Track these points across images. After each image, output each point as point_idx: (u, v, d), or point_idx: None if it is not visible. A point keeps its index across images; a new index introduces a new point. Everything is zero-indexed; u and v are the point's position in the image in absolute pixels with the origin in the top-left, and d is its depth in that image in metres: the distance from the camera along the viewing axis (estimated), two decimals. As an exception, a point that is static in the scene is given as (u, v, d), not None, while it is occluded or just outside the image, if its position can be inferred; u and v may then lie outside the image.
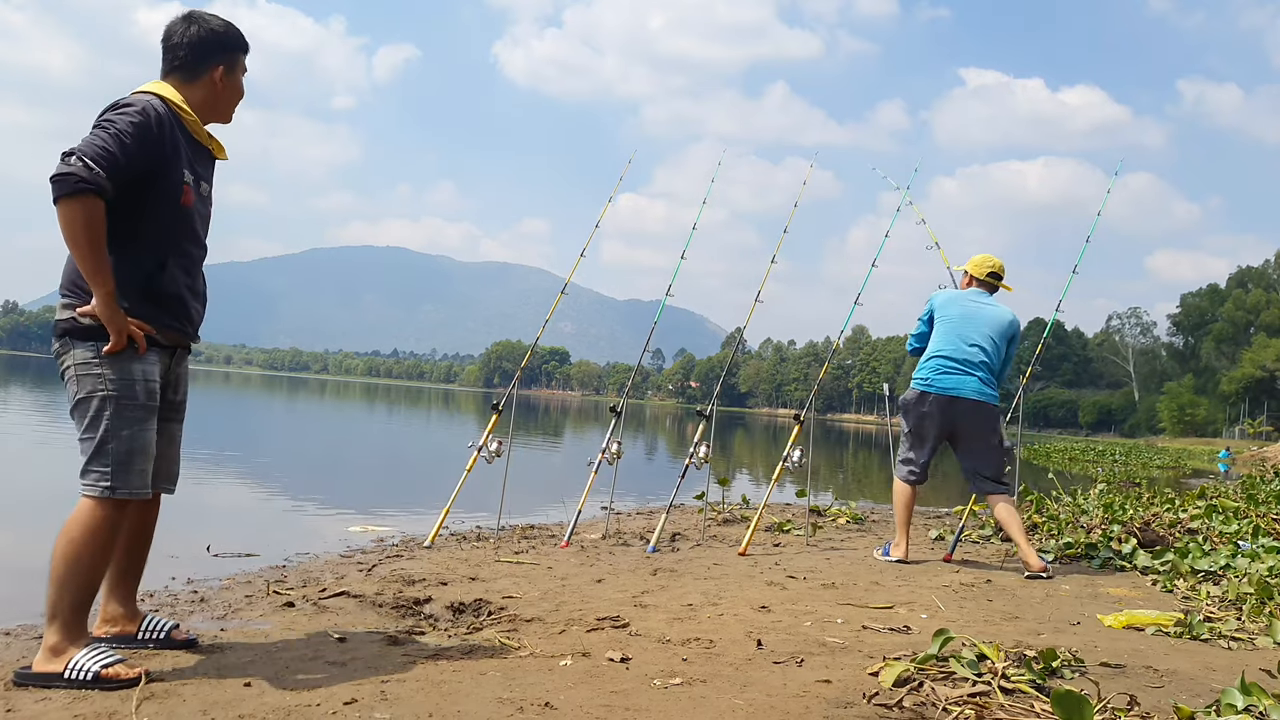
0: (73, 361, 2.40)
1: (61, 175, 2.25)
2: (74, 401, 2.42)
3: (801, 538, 5.92)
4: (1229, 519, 6.18)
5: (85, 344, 2.39)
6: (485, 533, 5.59)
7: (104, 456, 2.38)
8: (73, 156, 2.27)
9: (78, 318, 2.39)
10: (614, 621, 3.22)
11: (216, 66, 2.62)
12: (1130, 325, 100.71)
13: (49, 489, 7.13)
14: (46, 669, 2.30)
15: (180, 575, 3.98)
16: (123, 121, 2.36)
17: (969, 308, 5.18)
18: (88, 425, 2.39)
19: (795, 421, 5.78)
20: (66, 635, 2.32)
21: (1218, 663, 2.92)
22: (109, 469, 2.38)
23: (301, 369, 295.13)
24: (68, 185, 2.25)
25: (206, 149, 2.68)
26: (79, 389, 2.40)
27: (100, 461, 2.37)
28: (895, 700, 2.34)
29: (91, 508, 2.37)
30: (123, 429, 2.39)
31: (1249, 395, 66.72)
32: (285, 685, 2.36)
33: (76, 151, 2.28)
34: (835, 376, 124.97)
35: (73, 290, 2.42)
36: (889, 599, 3.86)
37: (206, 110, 2.64)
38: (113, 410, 2.39)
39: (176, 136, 2.49)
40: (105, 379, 2.39)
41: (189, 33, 2.59)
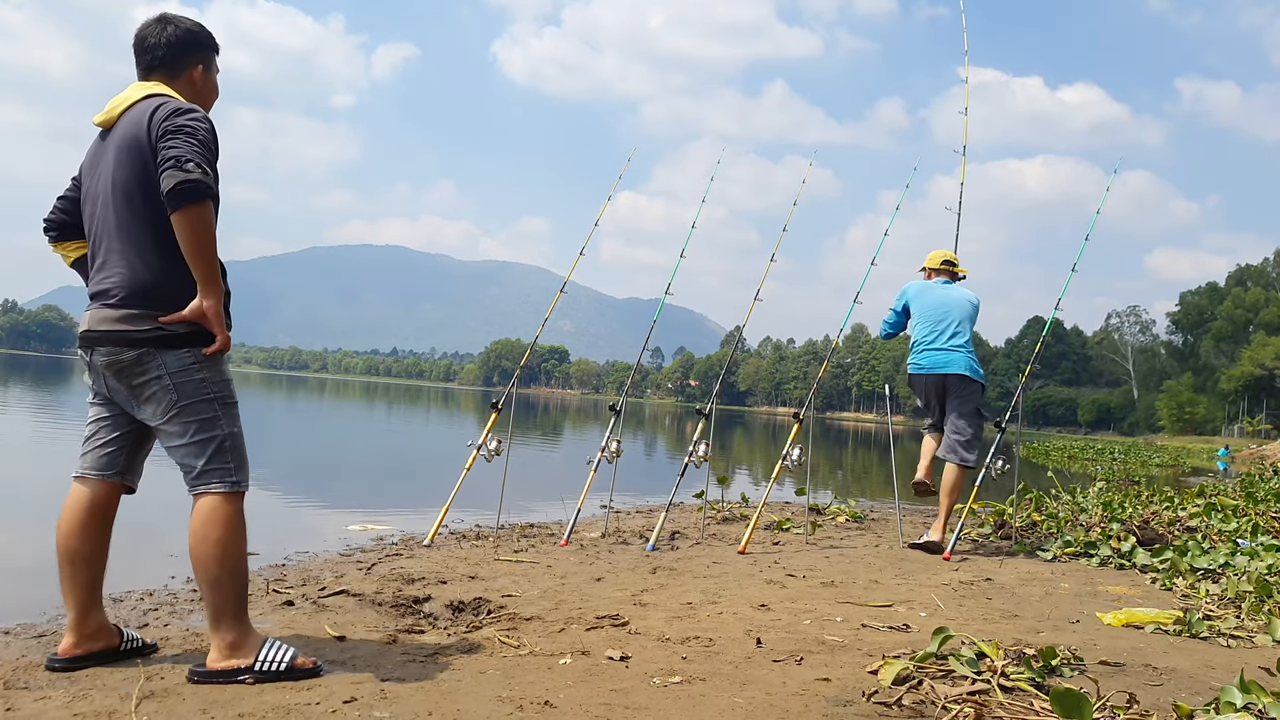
0: (165, 370, 2.39)
1: (190, 182, 2.27)
2: (174, 409, 2.41)
3: (801, 536, 5.92)
4: (1228, 517, 6.19)
5: (178, 351, 2.40)
6: (485, 531, 5.59)
7: (225, 455, 2.44)
8: (190, 163, 2.28)
9: (163, 325, 2.38)
10: (613, 620, 3.22)
11: (196, 65, 2.63)
12: (1129, 324, 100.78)
13: (49, 489, 7.13)
14: (229, 664, 2.35)
15: (180, 574, 3.98)
16: (203, 128, 2.38)
17: (938, 294, 5.83)
18: (200, 428, 2.42)
19: (795, 420, 5.78)
20: (240, 630, 2.38)
21: (1217, 661, 2.92)
22: (231, 465, 2.44)
23: (301, 368, 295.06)
24: (196, 192, 2.27)
25: None
26: (180, 396, 2.40)
27: (222, 460, 2.43)
28: (895, 698, 2.34)
29: (223, 504, 2.41)
30: (233, 426, 2.47)
31: (1248, 394, 66.74)
32: (285, 684, 2.36)
33: (191, 158, 2.29)
34: (834, 375, 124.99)
35: (148, 299, 2.40)
36: (888, 597, 3.86)
37: None
38: (221, 410, 2.45)
39: None
40: (209, 382, 2.43)
41: (166, 33, 2.58)
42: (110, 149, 2.48)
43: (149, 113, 2.42)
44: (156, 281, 2.41)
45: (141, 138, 2.40)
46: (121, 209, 2.43)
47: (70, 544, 2.48)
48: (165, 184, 2.28)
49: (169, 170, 2.28)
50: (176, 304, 2.39)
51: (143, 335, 2.39)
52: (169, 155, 2.30)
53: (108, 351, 2.43)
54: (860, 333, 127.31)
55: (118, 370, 2.44)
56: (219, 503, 2.41)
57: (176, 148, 2.31)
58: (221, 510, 2.41)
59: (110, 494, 2.56)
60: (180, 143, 2.32)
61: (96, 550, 2.51)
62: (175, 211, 2.29)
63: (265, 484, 8.36)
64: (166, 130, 2.36)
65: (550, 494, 7.84)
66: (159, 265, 2.41)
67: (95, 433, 2.56)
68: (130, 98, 2.50)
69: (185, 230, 2.30)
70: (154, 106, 2.43)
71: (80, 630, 2.47)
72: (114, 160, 2.45)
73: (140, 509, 6.32)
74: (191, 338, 2.41)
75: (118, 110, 2.50)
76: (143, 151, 2.40)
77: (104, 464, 2.55)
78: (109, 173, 2.46)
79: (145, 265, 2.42)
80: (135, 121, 2.43)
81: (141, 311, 2.41)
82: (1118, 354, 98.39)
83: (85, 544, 2.49)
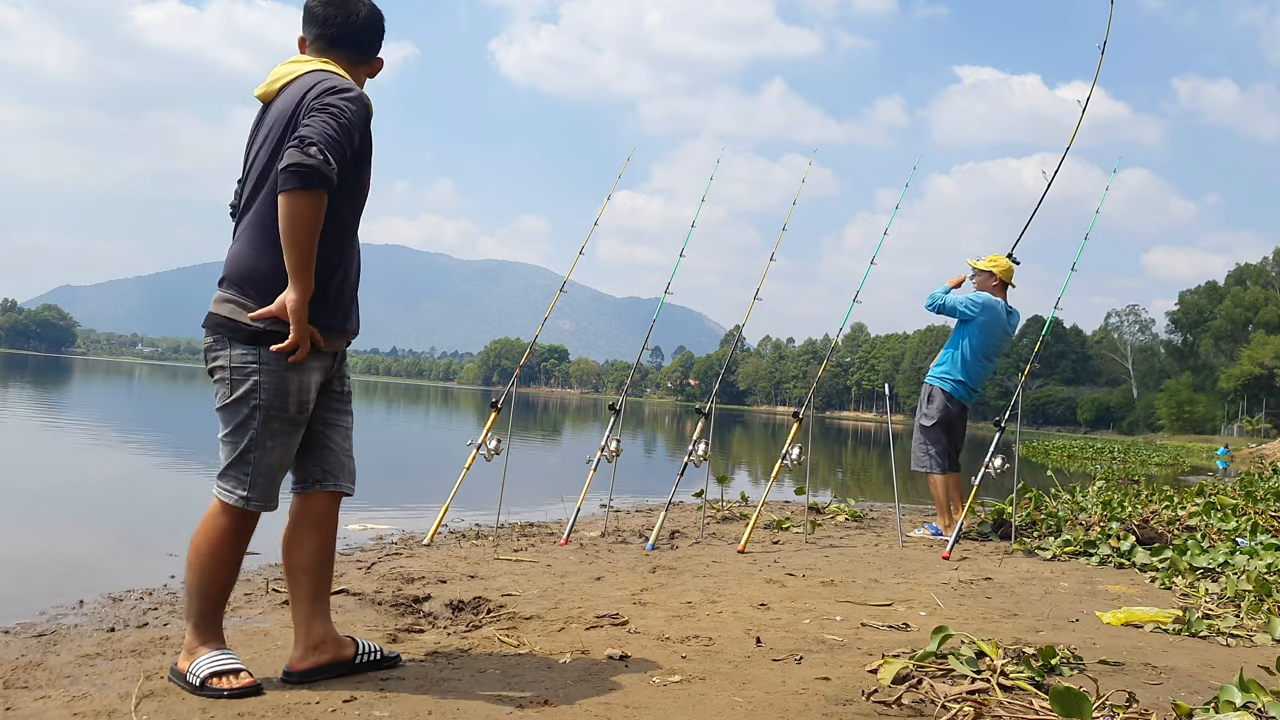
0: (227, 362, 2.28)
1: (306, 167, 2.12)
2: (223, 403, 2.31)
3: (800, 535, 5.92)
4: (1227, 516, 6.19)
5: (245, 346, 2.27)
6: (484, 530, 5.59)
7: (244, 465, 2.31)
8: (314, 147, 2.14)
9: (236, 317, 2.27)
10: (613, 619, 3.22)
11: (379, 57, 2.52)
12: (1129, 323, 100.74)
13: (49, 488, 7.13)
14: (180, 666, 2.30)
15: (179, 574, 3.97)
16: (350, 112, 2.23)
17: (998, 336, 5.95)
18: (233, 430, 2.31)
19: (794, 419, 5.78)
20: (194, 635, 2.31)
21: (1216, 660, 2.93)
22: (247, 478, 2.31)
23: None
24: (310, 178, 2.13)
25: None
26: (230, 391, 2.29)
27: (240, 469, 2.31)
28: (894, 697, 2.34)
29: (220, 514, 2.32)
30: (267, 440, 2.31)
31: (1247, 393, 66.74)
32: (285, 683, 2.36)
33: (317, 141, 2.14)
34: (834, 374, 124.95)
35: (244, 287, 2.28)
36: (888, 596, 3.86)
37: None
38: (261, 420, 2.30)
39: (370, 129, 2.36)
40: (260, 386, 2.28)
41: (364, 12, 2.44)
42: (265, 124, 2.37)
43: (308, 87, 2.30)
44: (253, 268, 2.28)
45: (291, 111, 2.28)
46: (258, 186, 2.32)
47: (285, 557, 2.44)
48: (282, 161, 2.15)
49: (292, 148, 2.15)
50: (271, 296, 2.25)
51: (220, 320, 2.30)
52: (301, 133, 2.16)
53: (204, 333, 2.34)
54: (860, 332, 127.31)
55: (205, 354, 2.35)
56: (216, 511, 2.33)
57: (310, 127, 2.17)
58: (215, 519, 2.32)
59: (318, 504, 2.46)
60: (316, 123, 2.18)
61: (313, 561, 2.43)
62: (280, 193, 2.15)
63: (265, 483, 8.36)
64: (314, 108, 2.22)
65: (550, 493, 7.83)
66: (261, 251, 2.28)
67: None
68: (294, 71, 2.38)
69: (283, 215, 2.16)
70: (314, 82, 2.30)
71: (305, 641, 2.39)
72: (264, 135, 2.34)
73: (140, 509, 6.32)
74: (262, 336, 2.26)
75: (279, 83, 2.37)
76: (287, 127, 2.27)
77: (300, 476, 2.48)
78: (258, 148, 2.35)
79: (250, 249, 2.29)
80: (292, 96, 2.31)
81: (231, 296, 2.29)
82: (1117, 353, 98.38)
83: (299, 555, 2.43)
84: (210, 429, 2.49)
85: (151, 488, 7.58)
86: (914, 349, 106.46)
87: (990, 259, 6.06)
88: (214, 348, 2.32)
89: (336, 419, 2.51)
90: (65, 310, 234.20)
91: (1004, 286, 6.05)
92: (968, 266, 6.18)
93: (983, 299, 5.92)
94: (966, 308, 5.91)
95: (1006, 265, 6.05)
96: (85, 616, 3.17)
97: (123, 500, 6.79)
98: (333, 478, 2.47)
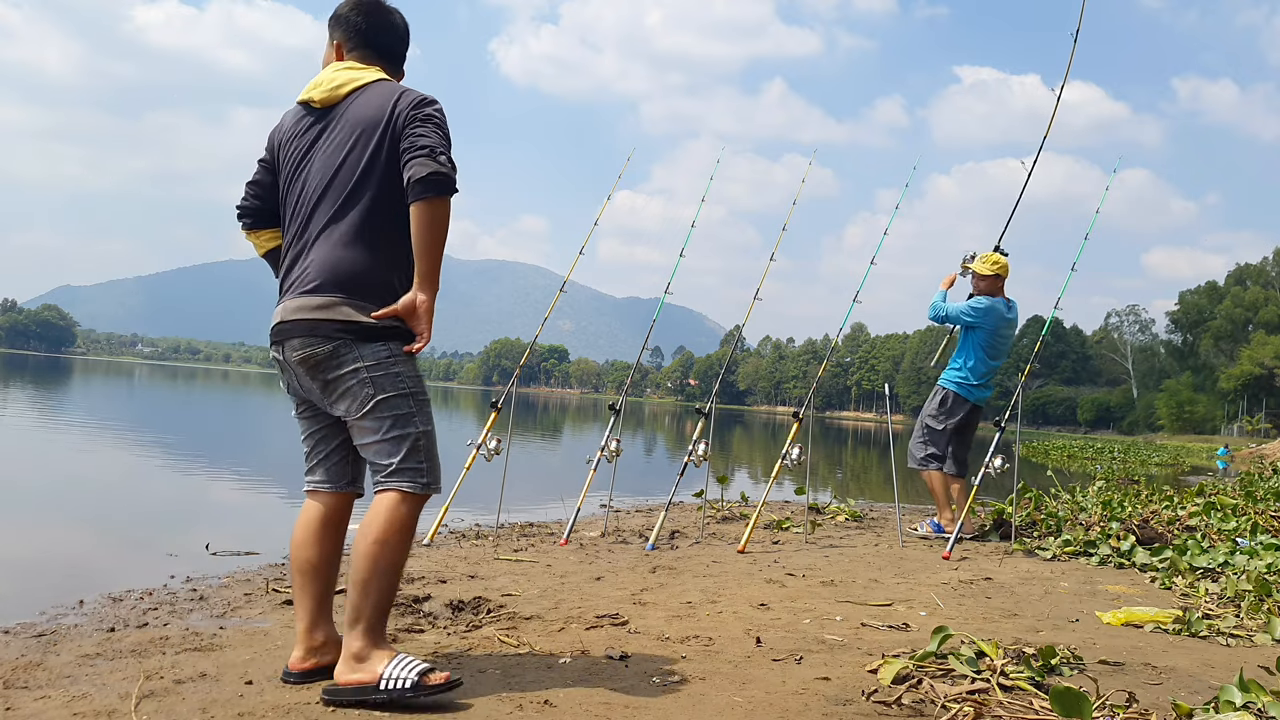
0: (363, 363, 2.29)
1: (443, 175, 2.22)
2: (371, 403, 2.30)
3: (800, 535, 5.93)
4: (1227, 516, 6.19)
5: (376, 344, 2.30)
6: (484, 530, 5.59)
7: (418, 454, 2.33)
8: (443, 155, 2.23)
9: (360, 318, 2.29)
10: (613, 619, 3.22)
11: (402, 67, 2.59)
12: (1129, 322, 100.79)
13: (48, 488, 7.13)
14: (354, 679, 2.20)
15: (179, 574, 3.98)
16: (444, 122, 2.32)
17: (1003, 335, 6.03)
18: (394, 424, 2.31)
19: (794, 419, 5.78)
20: (367, 641, 2.23)
21: (1216, 660, 2.93)
22: (424, 465, 2.33)
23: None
24: (447, 185, 2.23)
25: None
26: (376, 390, 2.29)
27: (415, 459, 2.32)
28: (894, 697, 2.34)
29: (401, 504, 2.29)
30: (427, 425, 2.37)
31: (1248, 393, 66.76)
32: (285, 683, 2.36)
33: (445, 151, 2.25)
34: (834, 374, 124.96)
35: (352, 288, 2.30)
36: (888, 596, 3.86)
37: None
38: (416, 407, 2.34)
39: None
40: (405, 377, 2.32)
41: (401, 24, 2.54)
42: (336, 128, 2.37)
43: (394, 96, 2.34)
44: (363, 270, 2.30)
45: (381, 121, 2.31)
46: (342, 191, 2.33)
47: (302, 554, 2.41)
48: (416, 171, 2.22)
49: (421, 159, 2.22)
50: (381, 296, 2.30)
51: (342, 325, 2.29)
52: (422, 144, 2.24)
53: (301, 344, 2.32)
54: (860, 332, 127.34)
55: (312, 365, 2.32)
56: (398, 502, 2.29)
57: (428, 136, 2.25)
58: (397, 511, 2.29)
59: (344, 504, 2.49)
60: (431, 132, 2.27)
61: (328, 561, 2.43)
62: (419, 201, 2.22)
63: (265, 483, 8.37)
64: (415, 118, 2.29)
65: (550, 493, 7.84)
66: (367, 254, 2.31)
67: (315, 446, 2.49)
68: (359, 78, 2.41)
69: (425, 221, 2.22)
70: (398, 92, 2.36)
71: (307, 642, 2.38)
72: (341, 140, 2.35)
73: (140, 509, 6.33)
74: (390, 331, 2.31)
75: (344, 89, 2.39)
76: (382, 135, 2.31)
77: (335, 475, 2.48)
78: (334, 152, 2.35)
79: (354, 253, 2.31)
80: (374, 104, 2.34)
81: (343, 300, 2.29)
82: (1117, 353, 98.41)
83: (318, 554, 2.41)
84: (210, 429, 2.48)
85: (151, 488, 7.58)
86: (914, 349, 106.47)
87: (990, 262, 6.06)
88: (339, 353, 2.30)
89: None
90: (65, 310, 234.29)
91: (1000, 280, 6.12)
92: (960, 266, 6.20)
93: (984, 304, 5.98)
94: (969, 315, 5.99)
95: (1003, 263, 6.10)
96: (85, 616, 3.17)
97: (123, 500, 6.79)
98: (362, 480, 2.52)
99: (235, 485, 8.03)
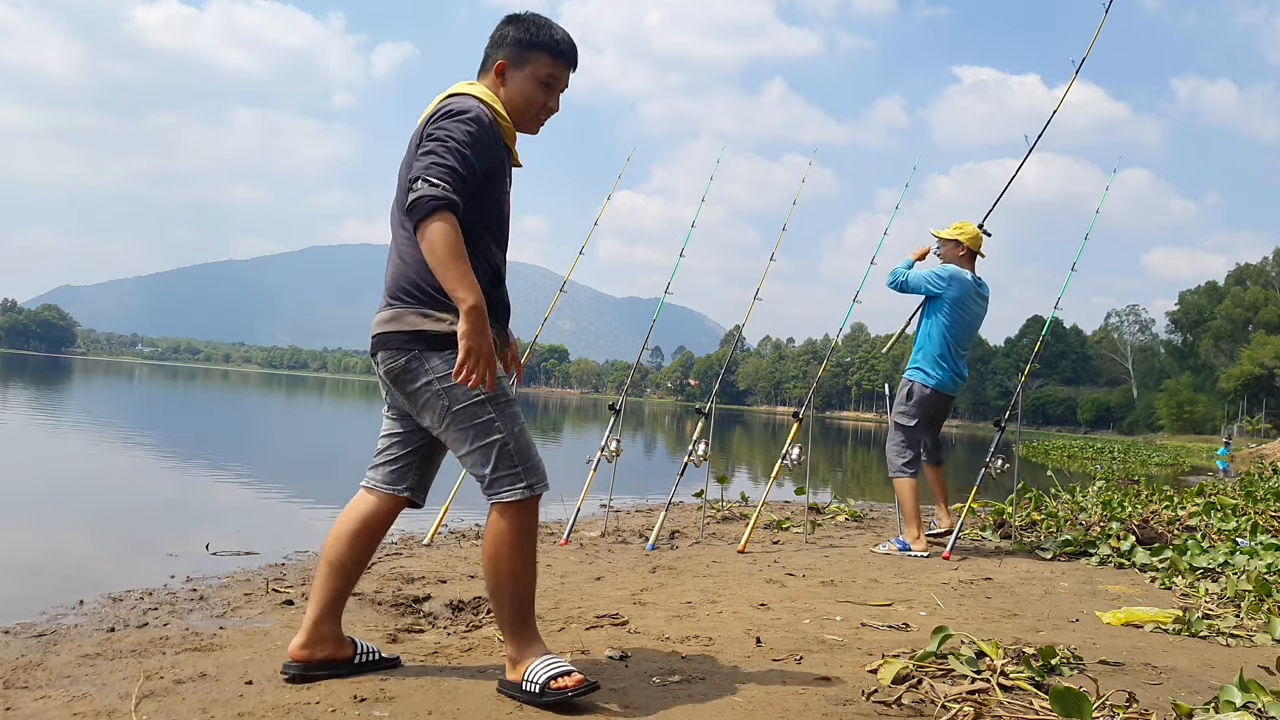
0: (434, 375, 2.27)
1: (417, 199, 2.17)
2: (449, 415, 2.28)
3: (800, 535, 5.93)
4: (1227, 516, 6.20)
5: (445, 352, 2.26)
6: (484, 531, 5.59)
7: (509, 459, 2.29)
8: (417, 181, 2.20)
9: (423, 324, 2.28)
10: (613, 619, 3.22)
11: (498, 61, 2.47)
12: (1129, 323, 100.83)
13: (48, 488, 7.13)
14: (510, 679, 2.30)
15: (179, 574, 3.98)
16: (460, 132, 2.27)
17: (972, 312, 5.47)
18: (477, 433, 2.28)
19: (794, 419, 5.78)
20: (515, 645, 2.30)
21: (1216, 660, 2.93)
22: (518, 469, 2.30)
23: (300, 367, 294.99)
24: (422, 208, 2.17)
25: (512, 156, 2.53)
26: (451, 401, 2.27)
27: (508, 465, 2.29)
28: (894, 697, 2.34)
29: (503, 517, 2.30)
30: (512, 426, 2.31)
31: (1248, 393, 66.77)
32: (285, 683, 2.36)
33: (427, 175, 2.20)
34: (834, 374, 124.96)
35: (410, 294, 2.30)
36: (888, 596, 3.86)
37: (511, 114, 2.48)
38: (496, 412, 2.29)
39: (498, 142, 2.39)
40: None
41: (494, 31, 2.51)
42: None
43: (428, 110, 2.37)
44: (417, 275, 2.30)
45: (415, 138, 2.36)
46: (400, 204, 2.34)
47: (335, 549, 2.41)
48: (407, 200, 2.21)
49: (411, 186, 2.21)
50: (445, 303, 2.26)
51: (410, 335, 2.29)
52: (413, 172, 2.23)
53: (383, 357, 2.34)
54: (860, 331, 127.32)
55: (393, 378, 2.33)
56: (498, 516, 2.30)
57: (420, 160, 2.24)
58: (499, 525, 2.30)
59: (393, 507, 2.48)
60: (424, 157, 2.24)
61: (356, 562, 2.43)
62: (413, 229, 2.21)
63: (265, 483, 8.37)
64: (426, 136, 2.29)
65: (549, 493, 7.80)
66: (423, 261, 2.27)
67: (388, 446, 2.49)
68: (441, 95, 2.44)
69: (423, 247, 2.20)
70: (436, 108, 2.37)
71: (312, 632, 2.38)
72: (406, 156, 2.40)
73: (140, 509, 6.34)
74: (450, 339, 2.26)
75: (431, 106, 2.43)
76: (412, 150, 2.34)
77: (394, 479, 2.48)
78: (401, 168, 2.40)
79: (408, 260, 2.32)
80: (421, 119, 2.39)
81: (409, 309, 2.30)
82: (1117, 353, 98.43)
83: (349, 555, 2.42)
84: (210, 429, 2.48)
85: (151, 488, 7.58)
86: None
87: (956, 226, 5.51)
88: (411, 366, 2.29)
89: None
90: (65, 310, 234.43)
91: (972, 257, 5.49)
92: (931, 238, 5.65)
93: (949, 271, 5.36)
94: (931, 282, 5.36)
95: (974, 233, 5.48)
96: (85, 616, 3.17)
97: (123, 500, 6.79)
98: (422, 490, 2.52)
99: (235, 485, 8.02)
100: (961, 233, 5.44)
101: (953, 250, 5.48)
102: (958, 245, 5.46)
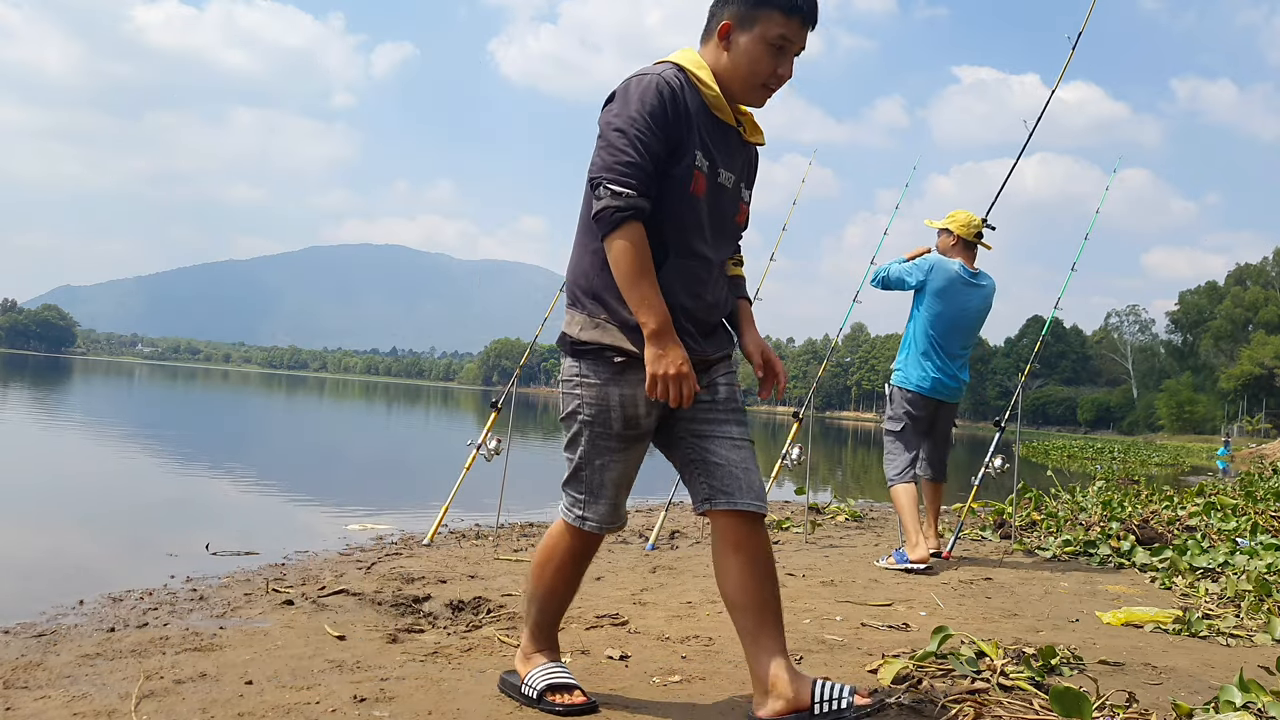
0: (562, 375, 2.19)
1: (600, 211, 2.01)
2: (562, 416, 2.21)
3: (800, 535, 5.93)
4: (1227, 516, 6.20)
5: (572, 360, 2.16)
6: (484, 530, 5.59)
7: (578, 483, 2.21)
8: (600, 187, 2.01)
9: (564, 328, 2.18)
10: (613, 619, 3.22)
11: (723, 22, 2.13)
12: (1129, 323, 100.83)
13: (48, 488, 7.13)
14: (515, 668, 2.33)
15: (179, 574, 3.98)
16: (619, 122, 2.04)
17: (960, 305, 4.92)
18: (567, 445, 2.22)
19: (794, 419, 5.78)
20: (533, 643, 2.32)
21: (1216, 660, 2.92)
22: (581, 497, 2.21)
23: (300, 367, 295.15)
24: (607, 221, 2.01)
25: (734, 129, 2.21)
26: (564, 405, 2.19)
27: (575, 486, 2.22)
28: (894, 698, 2.34)
29: (560, 532, 2.25)
30: (595, 458, 2.17)
31: (1248, 393, 66.79)
32: (285, 683, 2.36)
33: (600, 178, 2.01)
34: (834, 374, 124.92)
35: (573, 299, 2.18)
36: (888, 596, 3.86)
37: (724, 81, 2.15)
38: (588, 436, 2.16)
39: (689, 112, 2.08)
40: (583, 401, 2.14)
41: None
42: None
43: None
44: (575, 277, 2.18)
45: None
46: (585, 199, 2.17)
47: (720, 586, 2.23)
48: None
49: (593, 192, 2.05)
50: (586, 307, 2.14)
51: (562, 336, 2.20)
52: (590, 171, 2.06)
53: None
54: (860, 332, 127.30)
55: None
56: (559, 529, 2.26)
57: (592, 162, 2.06)
58: (559, 538, 2.25)
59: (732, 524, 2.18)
60: (595, 157, 2.06)
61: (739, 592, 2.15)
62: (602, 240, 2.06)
63: (265, 483, 8.37)
64: (603, 125, 2.08)
65: (550, 493, 7.83)
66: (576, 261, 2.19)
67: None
68: None
69: (609, 262, 2.05)
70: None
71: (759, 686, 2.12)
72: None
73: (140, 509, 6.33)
74: (589, 351, 2.12)
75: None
76: None
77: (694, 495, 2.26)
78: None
79: (572, 261, 2.22)
80: None
81: (568, 309, 2.20)
82: (1117, 353, 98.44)
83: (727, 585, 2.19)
84: (211, 427, 2.48)
85: (151, 488, 7.58)
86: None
87: (949, 215, 5.09)
88: (562, 362, 2.21)
89: (711, 429, 2.23)
90: (65, 310, 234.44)
91: (968, 246, 5.00)
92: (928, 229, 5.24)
93: (930, 260, 4.94)
94: (908, 273, 4.94)
95: (966, 219, 4.98)
96: (85, 616, 3.18)
97: (123, 500, 6.79)
98: (724, 494, 2.17)
99: (235, 485, 8.03)
100: (951, 221, 5.03)
101: (945, 240, 5.07)
102: (948, 234, 5.04)
